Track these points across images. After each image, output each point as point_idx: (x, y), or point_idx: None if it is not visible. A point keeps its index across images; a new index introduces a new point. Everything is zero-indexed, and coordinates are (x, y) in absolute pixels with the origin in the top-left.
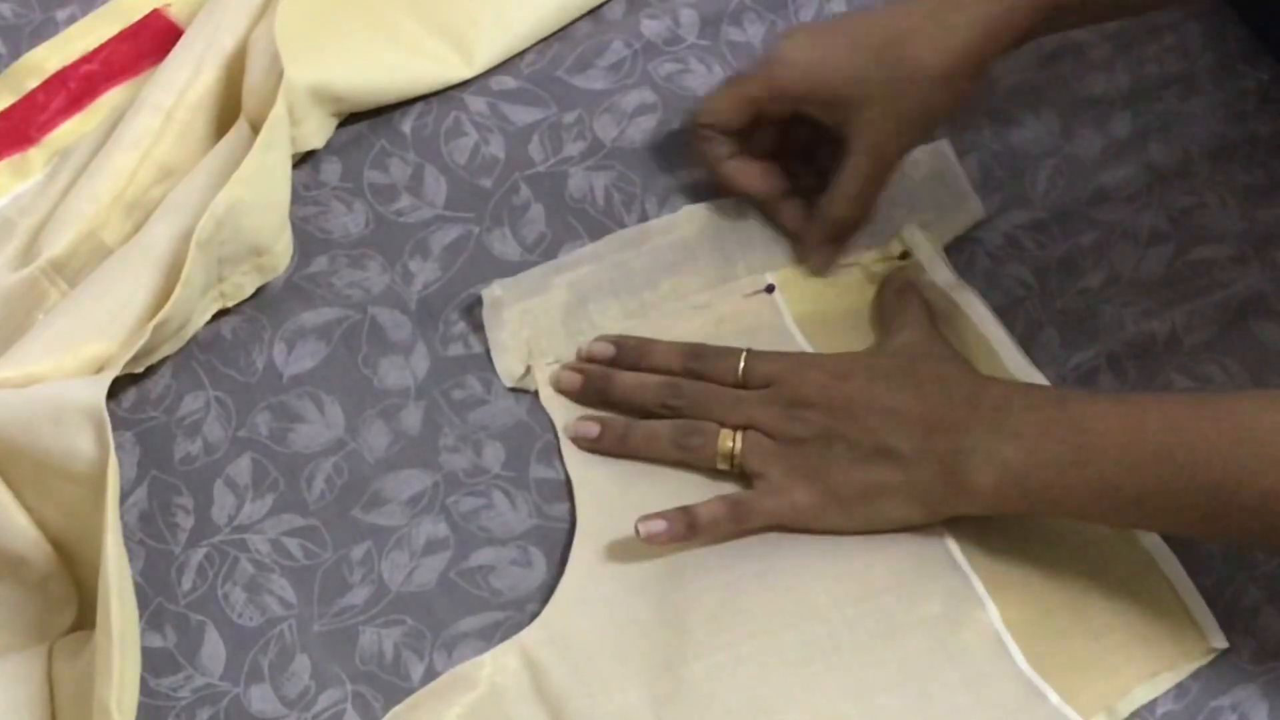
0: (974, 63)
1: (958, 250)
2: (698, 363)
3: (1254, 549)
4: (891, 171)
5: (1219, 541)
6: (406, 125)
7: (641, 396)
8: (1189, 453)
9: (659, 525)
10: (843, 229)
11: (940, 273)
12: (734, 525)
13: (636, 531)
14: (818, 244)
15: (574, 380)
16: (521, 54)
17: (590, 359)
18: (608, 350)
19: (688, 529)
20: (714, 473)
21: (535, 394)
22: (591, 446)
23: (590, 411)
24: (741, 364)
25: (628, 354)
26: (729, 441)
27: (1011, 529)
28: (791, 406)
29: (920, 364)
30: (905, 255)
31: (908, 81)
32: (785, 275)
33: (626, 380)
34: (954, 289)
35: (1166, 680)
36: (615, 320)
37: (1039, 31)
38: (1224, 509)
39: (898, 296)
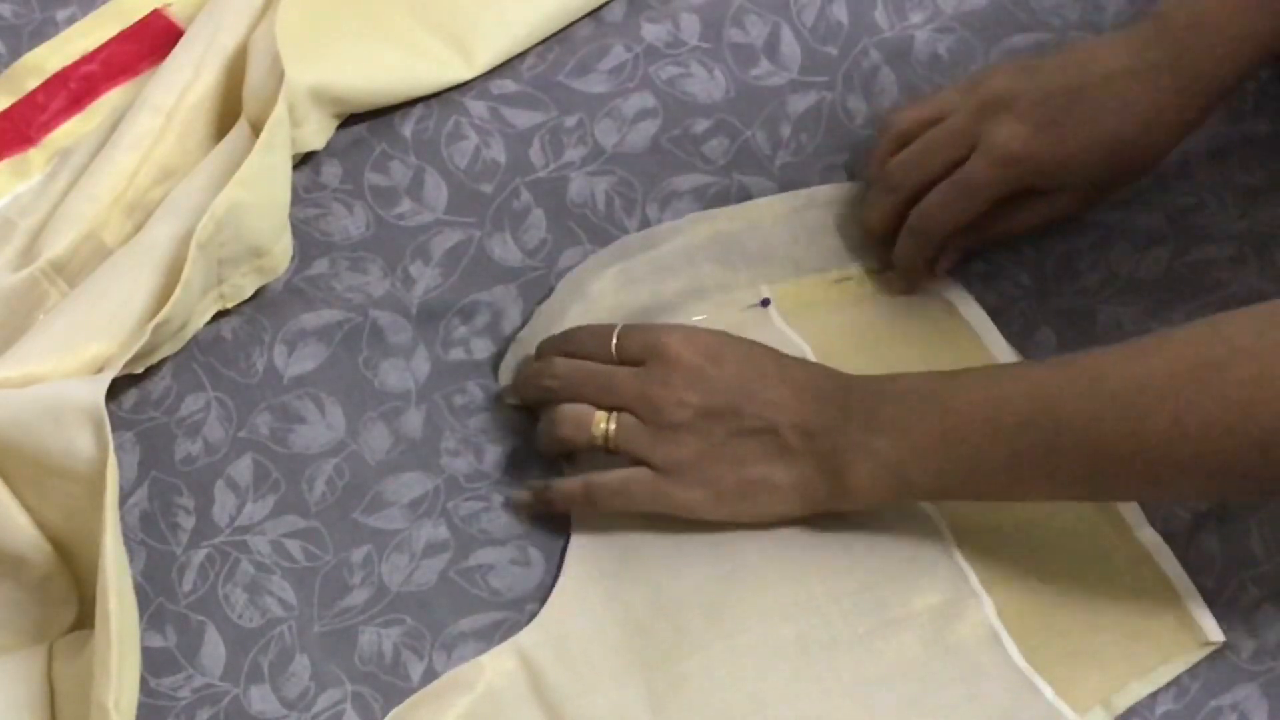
0: (1178, 140)
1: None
2: (570, 342)
3: (1162, 503)
4: None
5: (1114, 500)
6: (407, 128)
7: (527, 390)
8: (1051, 416)
9: (523, 495)
10: (927, 246)
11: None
12: (589, 507)
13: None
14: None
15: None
16: (522, 57)
17: None
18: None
19: (545, 505)
20: None
21: None
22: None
23: None
24: (614, 340)
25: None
26: (602, 424)
27: (1007, 523)
28: (666, 387)
29: (784, 357)
30: None
31: (1130, 174)
32: (784, 289)
33: (521, 374)
34: (947, 289)
35: (1163, 675)
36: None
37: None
38: (1098, 468)
39: None
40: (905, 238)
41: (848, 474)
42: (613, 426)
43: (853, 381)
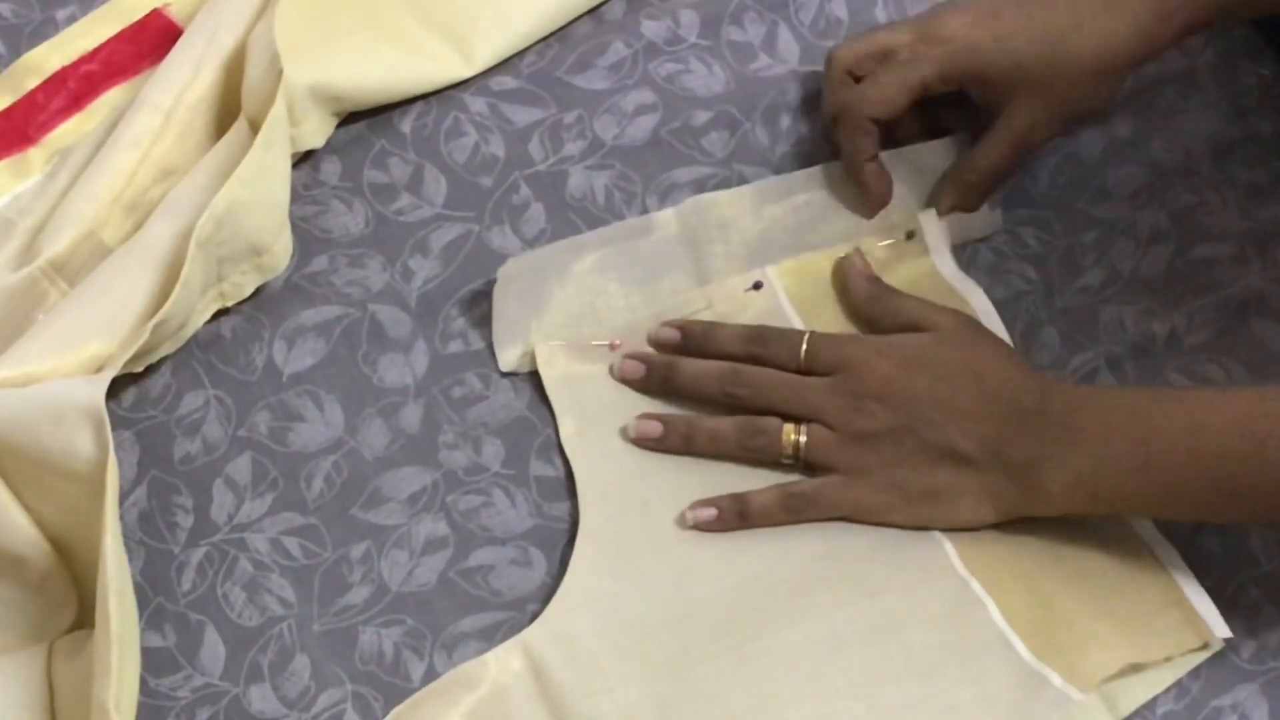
0: (1133, 59)
1: (960, 245)
2: (759, 346)
3: None
4: (1030, 158)
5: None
6: (406, 125)
7: (704, 386)
8: (1253, 451)
9: (709, 513)
10: (968, 198)
11: (944, 259)
12: (787, 516)
13: (684, 519)
14: (948, 208)
15: (637, 369)
16: (521, 54)
17: (657, 345)
18: (674, 336)
19: (738, 518)
20: (725, 466)
21: (535, 387)
22: (655, 446)
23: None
24: (804, 347)
25: (694, 340)
26: (792, 435)
27: (1008, 528)
28: (858, 399)
29: (981, 362)
30: (910, 235)
31: (1069, 74)
32: (786, 268)
33: (689, 369)
34: (956, 278)
35: (1168, 675)
36: (619, 308)
37: (1201, 27)
38: None
39: (876, 302)
40: (844, 120)
41: (1043, 484)
42: (803, 439)
43: (1052, 390)
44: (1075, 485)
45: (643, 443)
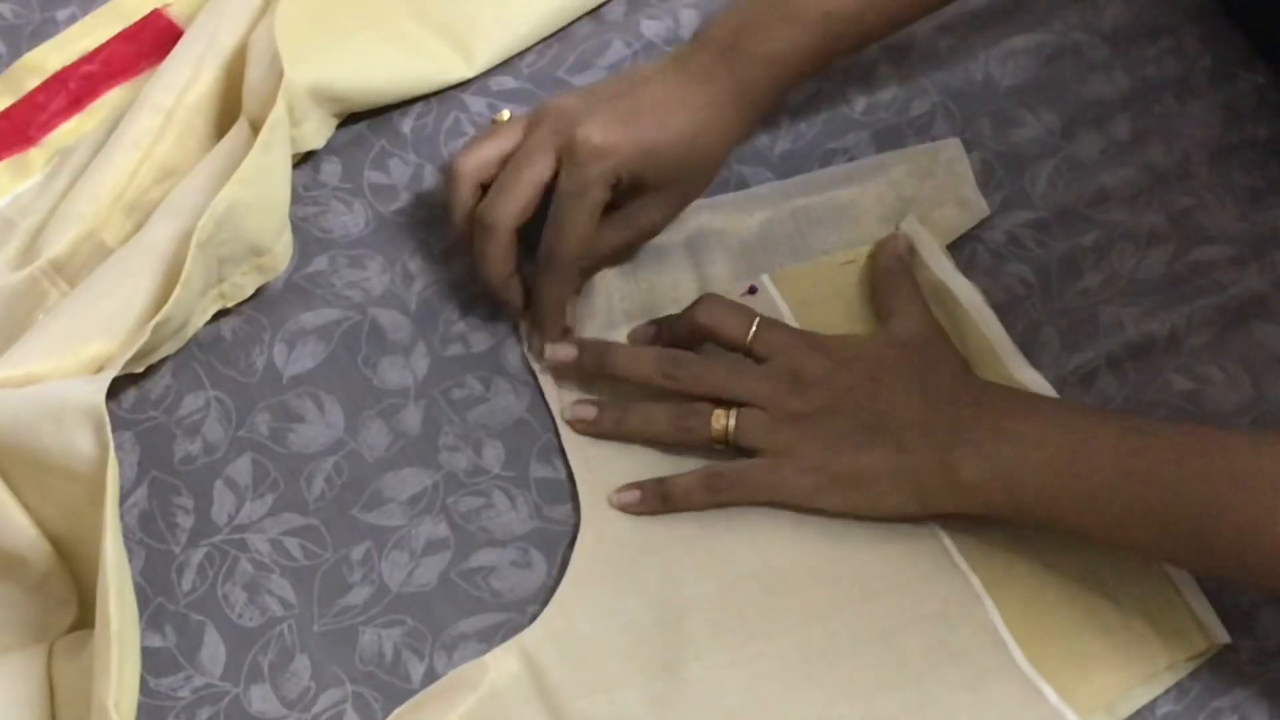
0: (735, 147)
1: (958, 248)
2: (709, 318)
3: (1237, 584)
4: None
5: (1200, 574)
6: (406, 126)
7: (641, 368)
8: (1177, 483)
9: (633, 495)
10: (571, 280)
11: (940, 263)
12: (709, 496)
13: (609, 501)
14: (542, 329)
15: (569, 353)
16: (521, 54)
17: (634, 340)
18: (650, 330)
19: (661, 500)
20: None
21: (535, 391)
22: (588, 430)
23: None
24: (754, 328)
25: (666, 328)
26: (722, 419)
27: (1009, 528)
28: (793, 382)
29: (925, 365)
30: None
31: (700, 173)
32: (787, 273)
33: (624, 353)
34: (953, 280)
35: (1168, 678)
36: (617, 313)
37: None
38: (1203, 541)
39: (889, 276)
40: (543, 276)
41: (962, 470)
42: (732, 422)
43: (990, 389)
44: (995, 479)
45: (576, 426)
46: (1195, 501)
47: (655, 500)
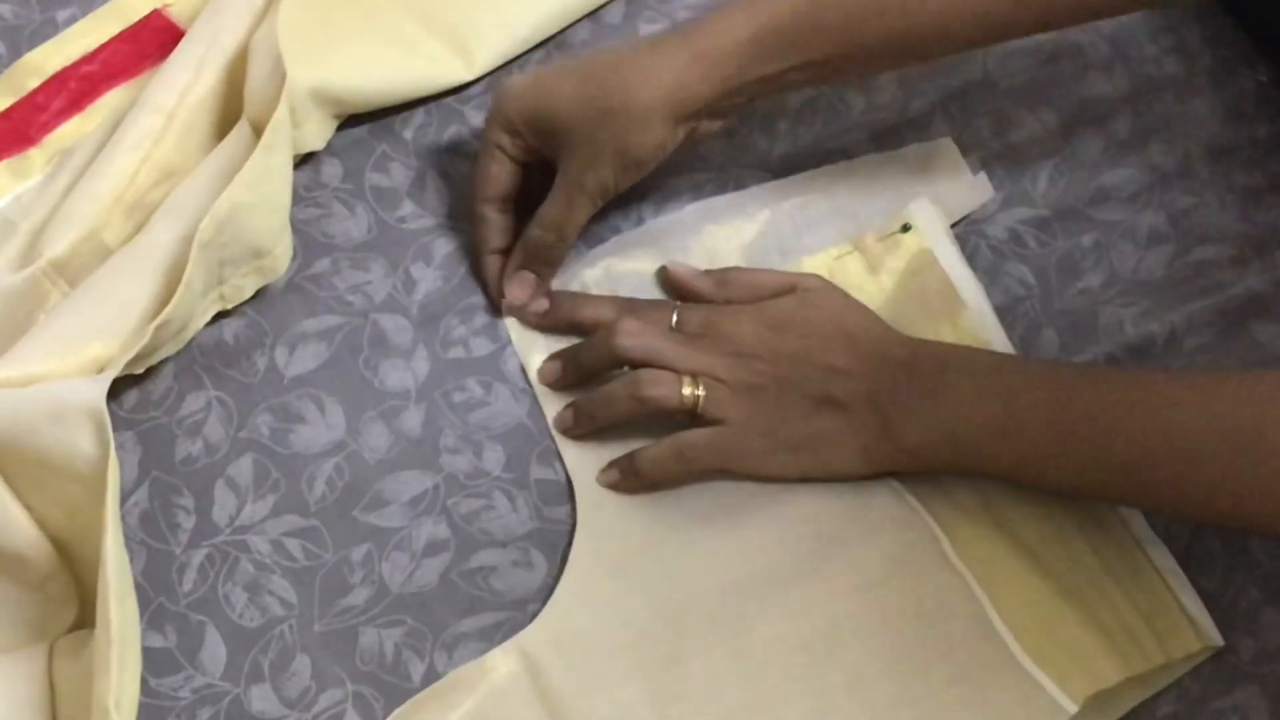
0: (678, 106)
1: (959, 244)
2: (631, 311)
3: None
4: (592, 204)
5: (1151, 511)
6: (408, 133)
7: (595, 357)
8: (1107, 435)
9: (611, 474)
10: (539, 255)
11: (944, 247)
12: (679, 466)
13: (598, 482)
14: (513, 270)
15: (554, 369)
16: (521, 60)
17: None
18: (543, 305)
19: (634, 476)
20: None
21: (535, 395)
22: (572, 434)
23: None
24: (675, 315)
25: (564, 307)
26: (689, 388)
27: (1004, 526)
28: (739, 356)
29: (848, 320)
30: (906, 228)
31: (611, 116)
32: (787, 269)
33: (585, 346)
34: (955, 266)
35: (1163, 678)
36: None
37: (758, 90)
38: (1137, 485)
39: (762, 275)
40: (474, 227)
41: (903, 433)
42: (701, 392)
43: (922, 347)
44: (935, 438)
45: (566, 434)
46: (1126, 452)
47: (630, 476)
